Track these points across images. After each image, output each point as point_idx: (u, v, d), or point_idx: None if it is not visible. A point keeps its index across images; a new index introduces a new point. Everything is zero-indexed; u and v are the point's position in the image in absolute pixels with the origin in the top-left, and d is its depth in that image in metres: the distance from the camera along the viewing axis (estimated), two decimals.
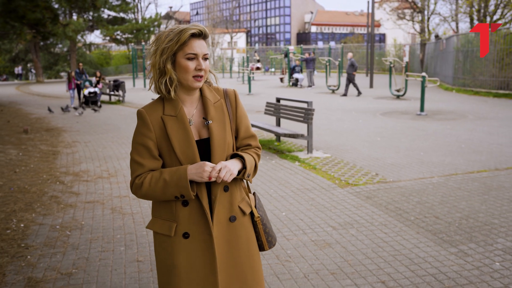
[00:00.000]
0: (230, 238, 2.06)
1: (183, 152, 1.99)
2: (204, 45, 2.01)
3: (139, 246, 4.39)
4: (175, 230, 2.01)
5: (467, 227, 4.68)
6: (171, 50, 1.95)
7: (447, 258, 3.98)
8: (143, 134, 2.02)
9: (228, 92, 2.17)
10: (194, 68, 1.97)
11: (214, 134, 2.03)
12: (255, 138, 2.20)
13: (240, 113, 2.16)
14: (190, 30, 1.95)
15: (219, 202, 2.04)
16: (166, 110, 2.03)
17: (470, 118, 12.42)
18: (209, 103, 2.08)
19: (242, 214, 2.11)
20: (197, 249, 2.01)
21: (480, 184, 6.13)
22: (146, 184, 1.99)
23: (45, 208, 5.56)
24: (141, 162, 2.02)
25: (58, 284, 3.68)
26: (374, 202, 5.51)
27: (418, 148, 8.57)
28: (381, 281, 3.61)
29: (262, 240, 2.20)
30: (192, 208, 2.02)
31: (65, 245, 4.45)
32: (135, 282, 3.69)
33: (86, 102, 18.12)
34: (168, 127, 2.00)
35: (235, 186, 2.12)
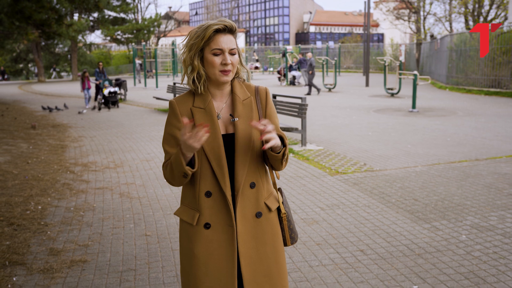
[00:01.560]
0: (256, 233, 2.09)
1: (208, 144, 2.01)
2: (230, 40, 2.03)
3: (146, 224, 4.90)
4: (198, 219, 2.05)
5: (441, 207, 5.19)
6: (198, 46, 2.02)
7: (420, 232, 4.50)
8: (172, 124, 2.09)
9: (260, 90, 2.18)
10: (220, 63, 2.00)
11: (239, 130, 2.05)
12: (285, 138, 2.15)
13: (269, 111, 2.16)
14: (214, 26, 1.99)
15: (245, 198, 2.06)
16: (196, 102, 2.09)
17: (460, 114, 12.93)
18: (238, 99, 2.10)
19: (268, 210, 2.13)
20: (217, 240, 2.05)
21: (459, 172, 6.65)
22: (164, 169, 2.09)
23: (59, 193, 6.07)
24: (168, 151, 2.08)
25: (76, 253, 4.19)
26: (360, 188, 6.03)
27: (406, 141, 9.08)
28: (360, 250, 4.13)
29: (285, 236, 2.23)
30: (215, 199, 2.05)
31: (80, 223, 4.96)
32: (144, 251, 4.20)
33: (105, 102, 17.00)
34: (196, 118, 2.05)
35: (262, 182, 2.13)
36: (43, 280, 3.67)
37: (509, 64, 18.60)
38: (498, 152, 7.92)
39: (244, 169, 2.04)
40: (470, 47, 20.49)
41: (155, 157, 8.22)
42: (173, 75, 33.51)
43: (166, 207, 5.43)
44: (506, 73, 18.57)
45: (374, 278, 3.61)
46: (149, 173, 7.08)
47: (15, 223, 4.90)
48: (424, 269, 3.73)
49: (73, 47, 41.58)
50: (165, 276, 3.71)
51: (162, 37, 53.05)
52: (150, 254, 4.15)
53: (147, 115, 14.63)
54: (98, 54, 60.29)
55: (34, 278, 3.71)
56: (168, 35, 58.58)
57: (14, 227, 4.80)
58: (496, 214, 4.92)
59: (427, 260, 3.90)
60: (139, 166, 7.53)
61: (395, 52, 38.66)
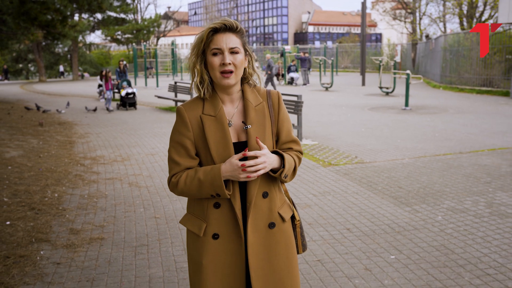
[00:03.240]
0: (269, 245, 2.03)
1: (219, 154, 1.95)
2: (231, 38, 1.94)
3: (155, 208, 5.41)
4: (205, 230, 2.00)
5: (423, 193, 5.71)
6: (199, 49, 1.96)
7: (401, 214, 5.02)
8: (181, 132, 2.00)
9: (272, 94, 2.10)
10: (219, 63, 1.93)
11: (252, 138, 1.97)
12: (297, 143, 2.14)
13: (282, 116, 2.09)
14: (211, 25, 1.94)
15: (257, 208, 2.00)
16: (205, 109, 2.00)
17: (450, 112, 13.45)
18: (250, 105, 2.02)
19: (282, 220, 2.07)
20: (225, 250, 2.00)
21: (442, 164, 7.17)
22: (181, 183, 1.97)
23: (72, 183, 6.58)
24: (177, 161, 2.00)
25: (94, 232, 4.70)
26: (350, 177, 6.54)
27: (396, 137, 9.60)
28: (347, 229, 4.64)
29: (298, 244, 2.19)
30: (224, 210, 1.99)
31: (95, 208, 5.47)
32: (154, 230, 4.72)
33: (123, 104, 16.12)
34: (206, 127, 1.97)
35: (275, 191, 2.07)
36: (67, 253, 4.18)
37: (501, 63, 19.15)
38: (481, 146, 8.45)
39: (257, 179, 1.97)
40: (463, 47, 21.04)
41: (159, 151, 8.72)
42: (173, 74, 34.01)
43: (172, 194, 5.94)
44: (497, 73, 19.11)
45: (358, 250, 4.13)
46: (154, 165, 7.59)
47: (36, 208, 5.41)
48: (402, 243, 4.25)
49: (73, 47, 42.07)
50: (174, 250, 4.22)
51: (161, 37, 53.51)
52: (160, 232, 4.66)
53: (149, 113, 15.13)
54: (97, 54, 60.80)
55: (59, 252, 4.22)
56: (168, 35, 59.05)
57: (35, 211, 5.31)
58: (471, 199, 5.44)
59: (405, 236, 4.42)
60: (144, 159, 8.04)
61: (392, 52, 39.20)
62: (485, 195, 5.59)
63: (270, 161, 1.93)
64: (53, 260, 4.03)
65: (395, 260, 3.91)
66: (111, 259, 4.06)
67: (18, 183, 6.45)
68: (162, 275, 3.74)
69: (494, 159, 7.41)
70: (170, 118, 13.61)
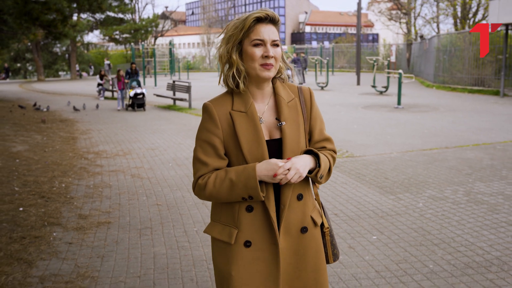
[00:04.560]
0: (298, 250, 1.93)
1: (251, 153, 1.84)
2: (273, 30, 1.85)
3: (157, 196, 5.80)
4: (236, 237, 1.87)
5: (407, 184, 6.12)
6: (237, 38, 1.83)
7: (386, 201, 5.42)
8: (209, 130, 1.88)
9: (303, 90, 2.01)
10: (261, 55, 1.82)
11: (287, 136, 1.88)
12: (331, 141, 2.05)
13: (315, 114, 2.00)
14: (255, 14, 1.82)
15: (291, 211, 1.90)
16: (235, 105, 1.88)
17: (441, 110, 13.87)
18: (283, 101, 1.92)
19: (314, 225, 1.98)
20: (258, 260, 1.88)
21: (428, 158, 7.58)
22: (210, 184, 1.84)
23: (78, 175, 6.96)
24: (205, 161, 1.87)
25: (101, 217, 5.08)
26: (340, 170, 6.94)
27: (387, 133, 10.01)
28: (335, 214, 5.04)
29: (328, 252, 2.08)
30: (257, 214, 1.87)
31: (101, 197, 5.85)
32: (157, 215, 5.10)
33: (132, 105, 15.67)
34: (236, 124, 1.85)
35: (309, 193, 1.98)
36: (78, 235, 4.57)
37: (492, 63, 19.59)
38: (466, 141, 8.86)
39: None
40: (456, 47, 21.48)
41: (159, 146, 9.10)
42: (171, 74, 34.37)
43: (173, 185, 6.32)
44: (489, 72, 19.55)
45: (343, 232, 4.53)
46: (155, 159, 7.97)
47: (45, 196, 5.79)
48: (383, 226, 4.65)
49: (72, 46, 42.40)
50: (176, 232, 4.61)
51: (159, 37, 53.84)
52: (162, 217, 5.05)
53: (148, 111, 15.49)
54: (95, 54, 61.10)
55: (70, 233, 4.60)
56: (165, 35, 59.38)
57: (45, 199, 5.69)
58: (451, 188, 5.85)
59: (387, 220, 4.82)
60: (145, 154, 8.42)
61: (388, 52, 39.66)
62: (465, 185, 6.00)
63: (303, 167, 1.81)
64: (65, 240, 4.42)
65: (377, 240, 4.31)
66: (118, 239, 4.45)
67: (26, 174, 6.82)
68: (166, 252, 4.13)
69: (477, 153, 7.82)
70: (168, 116, 13.99)
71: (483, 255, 3.94)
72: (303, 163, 1.82)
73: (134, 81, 16.11)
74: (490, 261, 3.83)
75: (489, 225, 4.62)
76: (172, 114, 14.41)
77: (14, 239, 4.39)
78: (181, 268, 3.80)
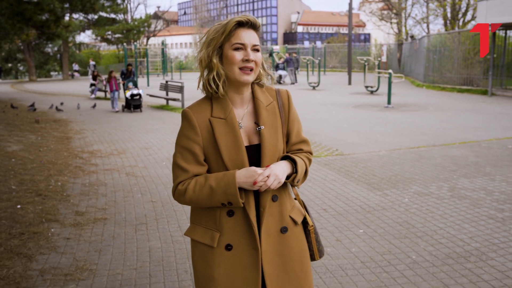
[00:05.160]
0: (282, 251, 1.95)
1: (231, 159, 1.86)
2: (254, 35, 1.87)
3: (151, 194, 5.96)
4: (218, 240, 1.90)
5: (394, 180, 6.32)
6: (218, 42, 1.85)
7: (373, 197, 5.62)
8: (188, 137, 1.90)
9: (281, 93, 2.04)
10: (241, 59, 1.84)
11: (266, 140, 1.90)
12: (307, 143, 2.08)
13: (292, 116, 2.03)
14: (236, 18, 1.84)
15: (268, 213, 1.92)
16: (214, 112, 1.90)
17: (430, 109, 14.12)
18: (261, 105, 1.94)
19: (294, 224, 2.00)
20: (240, 263, 1.90)
21: (415, 155, 7.79)
22: (190, 191, 1.87)
23: (73, 173, 7.10)
24: (185, 168, 1.89)
25: (98, 214, 5.24)
26: (330, 167, 7.14)
27: (376, 132, 10.22)
28: (323, 209, 5.23)
29: (313, 250, 2.11)
30: (238, 218, 1.90)
31: (96, 194, 6.01)
32: (152, 212, 5.27)
33: (128, 106, 15.33)
34: (216, 131, 1.87)
35: (285, 194, 1.99)
36: (75, 230, 4.72)
37: (481, 63, 19.89)
38: (453, 139, 9.09)
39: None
40: (445, 47, 21.77)
41: (153, 145, 9.26)
42: (163, 74, 34.46)
43: (166, 182, 6.49)
44: (477, 72, 19.86)
45: (331, 226, 4.72)
46: (149, 158, 8.12)
47: (42, 194, 5.94)
48: (370, 220, 4.85)
49: (64, 47, 42.37)
50: (170, 227, 4.78)
51: (151, 37, 53.88)
52: (157, 213, 5.21)
53: (141, 111, 15.61)
54: (87, 54, 61.01)
55: (68, 229, 4.76)
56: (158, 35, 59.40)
57: (42, 197, 5.83)
58: (436, 185, 6.06)
59: (373, 214, 5.02)
60: (139, 153, 8.57)
61: (379, 52, 39.97)
62: (449, 181, 6.21)
63: (282, 174, 1.85)
64: (63, 236, 4.57)
65: (363, 233, 4.51)
66: (115, 234, 4.61)
67: (23, 173, 6.96)
68: (161, 246, 4.30)
69: (463, 151, 8.05)
70: (161, 116, 14.14)
71: (463, 247, 4.14)
72: (282, 170, 1.86)
73: (130, 82, 15.81)
74: (470, 252, 4.03)
75: (470, 218, 4.83)
76: (165, 114, 14.55)
77: (14, 235, 4.54)
78: (176, 261, 3.97)
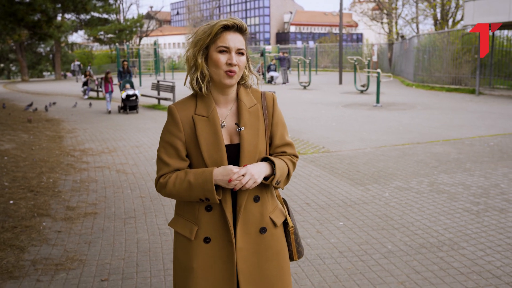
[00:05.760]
0: (259, 250, 2.01)
1: (210, 156, 1.92)
2: (239, 39, 1.92)
3: (141, 190, 6.13)
4: (196, 233, 1.98)
5: (377, 176, 6.53)
6: (204, 43, 1.90)
7: (355, 192, 5.82)
8: (172, 133, 1.97)
9: (266, 96, 2.07)
10: (225, 62, 1.89)
11: (245, 141, 1.94)
12: (292, 146, 2.10)
13: (276, 119, 2.06)
14: (223, 22, 1.88)
15: (248, 212, 1.98)
16: (198, 109, 1.96)
17: (418, 108, 14.36)
18: (244, 107, 1.99)
19: (274, 225, 2.04)
20: (216, 255, 1.98)
21: (399, 152, 8.00)
22: (170, 184, 1.94)
23: (65, 171, 7.25)
24: (167, 162, 1.96)
25: (88, 208, 5.41)
26: (315, 164, 7.33)
27: (363, 130, 10.43)
28: (306, 203, 5.42)
29: (292, 250, 2.16)
30: (215, 214, 1.97)
31: (87, 190, 6.17)
32: (140, 206, 5.44)
33: (124, 107, 14.82)
34: (198, 128, 1.93)
35: (267, 195, 2.03)
36: (66, 224, 4.89)
37: (469, 63, 20.19)
38: (437, 137, 9.32)
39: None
40: (435, 47, 22.06)
41: (143, 144, 9.42)
42: (156, 74, 34.56)
43: None
44: (466, 71, 20.15)
45: (313, 219, 4.91)
46: (139, 156, 8.29)
47: (34, 190, 6.09)
48: (351, 213, 5.04)
49: (56, 47, 42.35)
50: (158, 220, 4.95)
51: (144, 37, 53.93)
52: (145, 208, 5.39)
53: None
54: (80, 54, 60.95)
55: (59, 223, 4.92)
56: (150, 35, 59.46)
57: (34, 193, 5.99)
58: (417, 180, 6.27)
59: (354, 208, 5.22)
60: (130, 151, 8.73)
61: (370, 51, 40.25)
62: (430, 176, 6.43)
63: (259, 174, 1.89)
64: (55, 229, 4.73)
65: (343, 225, 4.70)
66: (104, 227, 4.78)
67: (15, 170, 7.10)
68: (148, 238, 4.47)
69: (446, 147, 8.28)
70: (153, 115, 14.29)
71: (437, 237, 4.34)
72: (258, 170, 1.90)
73: (127, 82, 15.33)
74: (443, 242, 4.24)
75: (446, 211, 5.04)
76: (156, 113, 14.70)
77: (6, 228, 4.70)
78: (162, 251, 4.15)
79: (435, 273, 3.65)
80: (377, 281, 3.54)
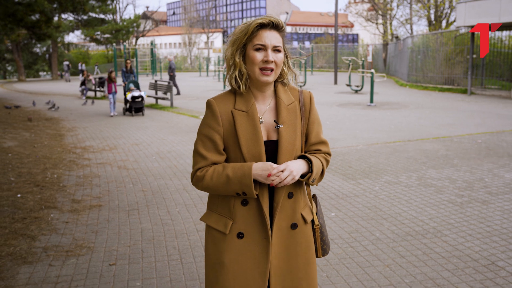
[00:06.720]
0: (289, 245, 2.04)
1: (249, 151, 1.93)
2: (275, 36, 1.93)
3: (142, 184, 6.41)
4: (231, 228, 1.99)
5: (368, 171, 6.83)
6: (241, 42, 1.93)
7: (347, 186, 6.11)
8: (210, 126, 1.98)
9: (304, 94, 2.09)
10: (261, 59, 1.91)
11: (283, 138, 1.97)
12: (326, 144, 2.13)
13: (313, 117, 2.08)
14: (258, 20, 1.91)
15: (282, 208, 2.01)
16: (237, 104, 1.98)
17: (410, 107, 14.69)
18: (282, 104, 2.01)
19: (304, 222, 2.08)
20: (250, 251, 1.99)
21: (390, 149, 8.31)
22: (207, 177, 1.95)
23: (68, 167, 7.52)
24: (204, 155, 1.98)
25: (93, 201, 5.68)
26: None
27: (356, 128, 10.73)
28: None
29: (317, 248, 2.20)
30: (251, 209, 1.98)
31: (91, 185, 6.44)
32: (143, 200, 5.72)
33: (129, 109, 14.31)
34: (237, 122, 1.95)
35: (300, 192, 2.08)
36: (73, 215, 5.16)
37: (462, 63, 20.54)
38: (428, 135, 9.63)
39: None
40: (428, 48, 22.42)
41: (142, 142, 9.69)
42: (152, 74, 34.81)
43: (156, 174, 6.93)
44: (458, 72, 20.51)
45: None
46: (139, 153, 8.56)
47: (40, 184, 6.36)
48: (342, 205, 5.34)
49: (53, 47, 42.52)
50: (160, 212, 5.23)
51: (140, 37, 54.13)
52: (148, 200, 5.66)
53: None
54: (76, 54, 61.12)
55: (66, 215, 5.19)
56: (147, 35, 59.65)
57: (40, 187, 6.25)
58: (406, 175, 6.57)
59: (346, 200, 5.51)
60: (130, 148, 9.00)
61: (366, 52, 40.61)
62: (419, 171, 6.74)
63: (297, 171, 1.91)
64: (62, 220, 5.01)
65: (334, 216, 5.00)
66: (110, 218, 5.06)
67: (20, 166, 7.37)
68: (151, 227, 4.75)
69: (435, 145, 8.59)
70: (151, 114, 14.55)
71: (422, 226, 4.65)
72: (297, 167, 1.92)
73: (131, 83, 14.74)
74: (427, 230, 4.54)
75: (432, 203, 5.34)
76: (154, 112, 14.97)
77: (17, 219, 4.97)
78: (165, 239, 4.43)
79: (419, 257, 3.95)
80: (365, 264, 3.83)
